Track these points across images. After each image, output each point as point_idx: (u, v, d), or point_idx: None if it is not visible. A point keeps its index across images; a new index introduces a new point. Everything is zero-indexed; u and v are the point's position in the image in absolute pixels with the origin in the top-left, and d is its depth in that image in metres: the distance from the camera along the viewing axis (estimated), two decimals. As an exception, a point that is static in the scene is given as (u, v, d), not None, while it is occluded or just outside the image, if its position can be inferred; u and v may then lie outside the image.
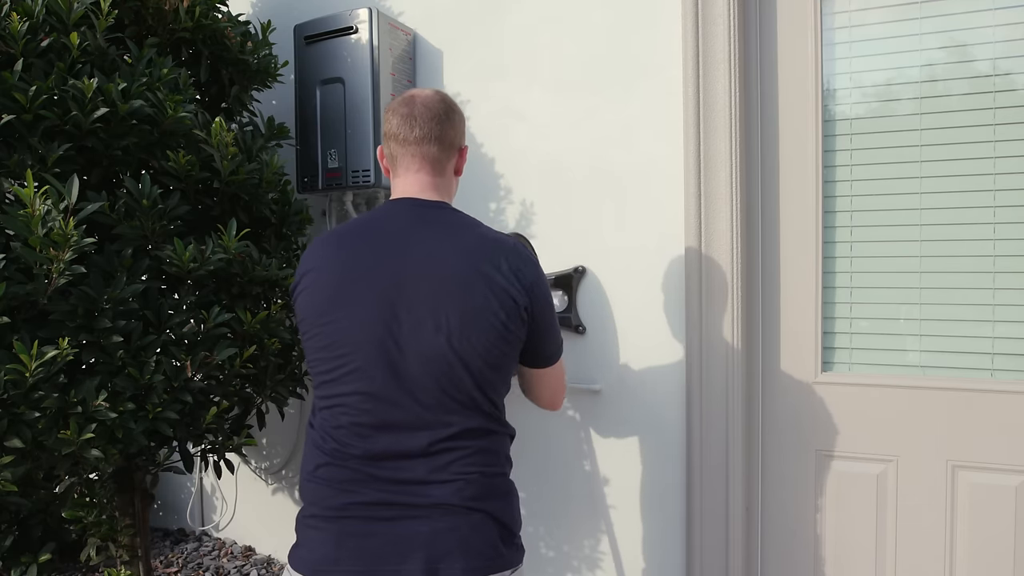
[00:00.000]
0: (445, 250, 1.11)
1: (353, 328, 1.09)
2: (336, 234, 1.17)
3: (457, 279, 1.09)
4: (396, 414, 1.09)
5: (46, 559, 1.67)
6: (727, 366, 1.74)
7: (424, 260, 1.10)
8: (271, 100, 2.42)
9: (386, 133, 1.21)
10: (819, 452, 1.77)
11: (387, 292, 1.09)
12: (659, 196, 1.83)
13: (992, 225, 1.60)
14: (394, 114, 1.19)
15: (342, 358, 1.10)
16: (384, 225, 1.15)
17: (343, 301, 1.10)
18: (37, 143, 1.40)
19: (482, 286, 1.10)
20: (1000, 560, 1.61)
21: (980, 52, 1.60)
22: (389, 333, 1.08)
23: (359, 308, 1.09)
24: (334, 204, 2.24)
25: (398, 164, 1.20)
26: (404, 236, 1.12)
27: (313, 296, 1.12)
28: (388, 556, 1.04)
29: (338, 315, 1.10)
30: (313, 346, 1.13)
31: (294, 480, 2.56)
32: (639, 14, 1.84)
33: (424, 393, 1.09)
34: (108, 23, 1.51)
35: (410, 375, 1.09)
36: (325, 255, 1.15)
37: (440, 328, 1.08)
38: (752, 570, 1.83)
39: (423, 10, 2.16)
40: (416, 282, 1.09)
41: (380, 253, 1.11)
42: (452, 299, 1.09)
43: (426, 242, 1.12)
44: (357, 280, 1.10)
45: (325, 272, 1.13)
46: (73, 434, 1.32)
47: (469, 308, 1.09)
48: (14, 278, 1.29)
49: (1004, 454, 1.60)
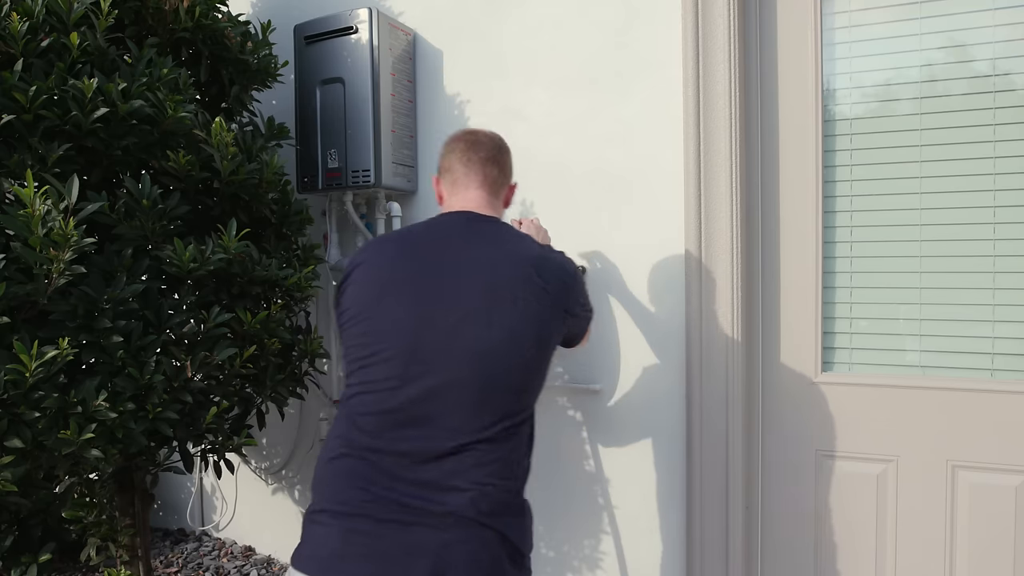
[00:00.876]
0: (495, 256, 1.17)
1: (396, 318, 1.12)
2: (393, 235, 1.24)
3: (505, 283, 1.14)
4: (427, 408, 1.09)
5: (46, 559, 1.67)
6: (727, 366, 1.74)
7: (474, 263, 1.15)
8: (271, 100, 2.42)
9: (449, 162, 1.32)
10: (819, 452, 1.77)
11: (435, 289, 1.13)
12: (659, 196, 1.83)
13: (992, 225, 1.60)
14: (458, 142, 1.32)
15: (379, 344, 1.12)
16: (438, 230, 1.22)
17: (390, 293, 1.14)
18: (37, 143, 1.40)
19: (529, 292, 1.14)
20: (1000, 560, 1.61)
21: (980, 52, 1.60)
22: (432, 327, 1.11)
23: (405, 301, 1.13)
24: (334, 204, 2.24)
25: (458, 182, 1.30)
26: (456, 241, 1.19)
27: (361, 288, 1.17)
28: (395, 559, 1.03)
29: (383, 306, 1.14)
30: (352, 333, 1.16)
31: (294, 480, 2.56)
32: (639, 14, 1.84)
33: (460, 392, 1.09)
34: (108, 23, 1.51)
35: (450, 372, 1.09)
36: (379, 251, 1.21)
37: (490, 328, 1.11)
38: (752, 570, 1.83)
39: (423, 10, 2.16)
40: (466, 283, 1.14)
41: (431, 253, 1.17)
42: (501, 302, 1.12)
43: (477, 247, 1.18)
44: (406, 276, 1.15)
45: (376, 266, 1.18)
46: (73, 434, 1.32)
47: (517, 312, 1.13)
48: (14, 278, 1.29)
49: (1004, 454, 1.60)
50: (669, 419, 1.83)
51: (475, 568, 1.04)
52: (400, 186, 2.11)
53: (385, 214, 2.15)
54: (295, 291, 1.84)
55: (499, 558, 1.07)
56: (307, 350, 1.94)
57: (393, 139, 2.06)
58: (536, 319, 1.14)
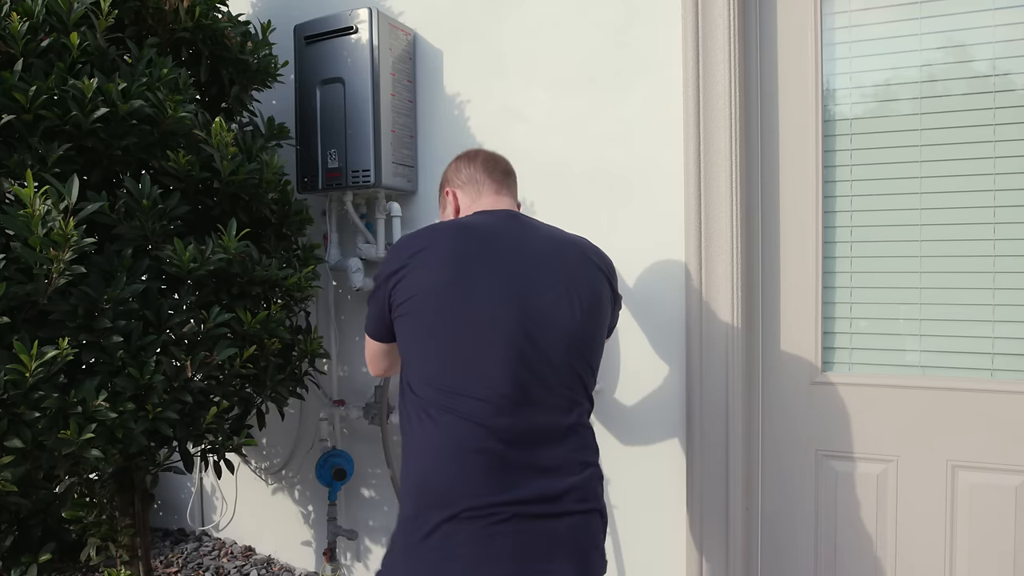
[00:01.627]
0: (558, 244, 1.21)
1: (494, 304, 1.07)
2: (448, 225, 1.17)
3: (577, 269, 1.18)
4: (535, 393, 1.07)
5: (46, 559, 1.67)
6: (727, 365, 1.74)
7: (545, 251, 1.17)
8: (271, 100, 2.42)
9: (471, 174, 1.35)
10: (819, 452, 1.77)
11: (521, 274, 1.11)
12: (659, 195, 1.83)
13: (992, 225, 1.60)
14: (474, 157, 1.38)
15: (476, 329, 1.05)
16: (492, 223, 1.20)
17: (478, 278, 1.08)
18: (37, 143, 1.40)
19: (596, 274, 1.22)
20: (1000, 560, 1.61)
21: (980, 52, 1.60)
22: (529, 312, 1.09)
23: (498, 285, 1.08)
24: (334, 204, 2.24)
25: (482, 190, 1.33)
26: (517, 231, 1.20)
27: (432, 270, 1.08)
28: (537, 550, 1.01)
29: (475, 290, 1.07)
30: (429, 316, 1.07)
31: (294, 480, 2.56)
32: (639, 13, 1.84)
33: (560, 375, 1.10)
34: (108, 23, 1.51)
35: (550, 356, 1.09)
36: (437, 235, 1.13)
37: (573, 312, 1.13)
38: (752, 569, 1.83)
39: (423, 10, 2.16)
40: (545, 269, 1.14)
41: (501, 242, 1.15)
42: (579, 282, 1.17)
43: (539, 237, 1.21)
44: (489, 262, 1.10)
45: (442, 251, 1.11)
46: (73, 434, 1.32)
47: (592, 292, 1.19)
48: (14, 278, 1.28)
49: (1004, 454, 1.60)
50: (669, 419, 1.83)
51: (593, 546, 1.08)
52: (400, 186, 2.11)
53: (385, 214, 2.15)
54: (295, 291, 1.84)
55: (600, 533, 1.12)
56: (307, 350, 1.94)
57: (393, 139, 2.06)
58: (602, 302, 1.21)
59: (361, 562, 2.41)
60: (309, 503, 2.52)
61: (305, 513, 2.54)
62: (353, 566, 2.43)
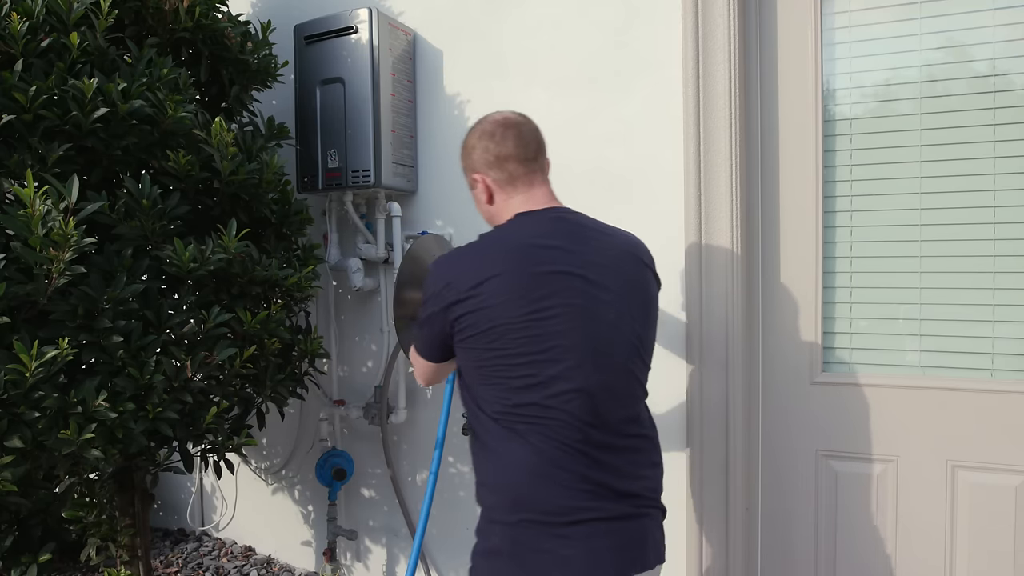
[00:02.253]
0: (615, 250, 1.22)
1: (561, 326, 1.12)
2: (493, 249, 1.17)
3: (635, 276, 1.22)
4: (610, 404, 1.14)
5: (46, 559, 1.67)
6: (727, 365, 1.74)
7: (599, 257, 1.19)
8: (271, 100, 2.42)
9: (498, 156, 1.25)
10: (819, 452, 1.77)
11: (582, 287, 1.15)
12: (659, 195, 1.83)
13: (992, 225, 1.60)
14: (503, 137, 1.25)
15: (556, 352, 1.11)
16: (539, 232, 1.19)
17: (541, 304, 1.12)
18: (37, 143, 1.40)
19: (646, 274, 1.25)
20: (1000, 560, 1.61)
21: (980, 52, 1.60)
22: (599, 326, 1.14)
23: (563, 307, 1.12)
24: (334, 204, 2.24)
25: (518, 182, 1.26)
26: (567, 240, 1.18)
27: (501, 305, 1.12)
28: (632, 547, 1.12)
29: (539, 317, 1.11)
30: (513, 347, 1.11)
31: (294, 480, 2.56)
32: (639, 13, 1.84)
33: (627, 383, 1.17)
34: (108, 23, 1.51)
35: (621, 365, 1.16)
36: (496, 261, 1.14)
37: (634, 318, 1.19)
38: (752, 569, 1.83)
39: (423, 10, 2.16)
40: (604, 276, 1.17)
41: (557, 255, 1.15)
42: (635, 289, 1.21)
43: (588, 238, 1.20)
44: (549, 283, 1.13)
45: (508, 284, 1.12)
46: (73, 434, 1.32)
47: (646, 295, 1.24)
48: (14, 278, 1.28)
49: (1004, 454, 1.60)
50: (669, 419, 1.83)
51: (662, 536, 1.20)
52: (400, 186, 2.11)
53: (385, 214, 2.15)
54: (295, 291, 1.84)
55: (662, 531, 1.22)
56: (307, 350, 1.94)
57: (393, 139, 2.06)
58: (653, 302, 1.26)
59: (361, 562, 2.41)
60: (309, 503, 2.52)
61: (305, 513, 2.54)
62: (353, 566, 2.43)
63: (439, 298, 1.18)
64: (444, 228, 2.16)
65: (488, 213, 1.33)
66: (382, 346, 2.25)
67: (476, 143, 1.28)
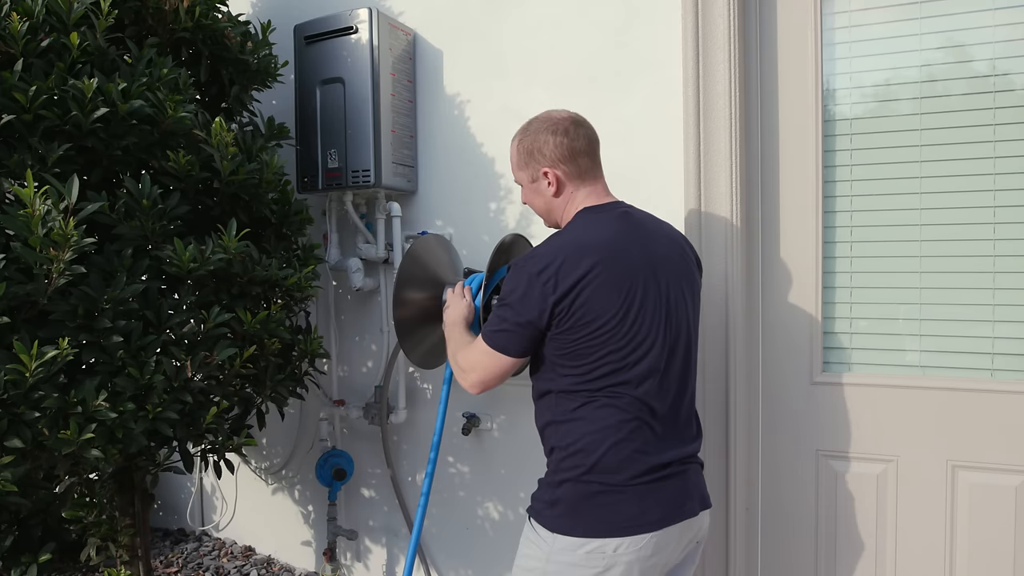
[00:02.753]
0: (665, 240, 1.36)
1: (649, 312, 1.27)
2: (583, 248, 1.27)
3: (684, 262, 1.37)
4: (675, 388, 1.31)
5: (46, 559, 1.67)
6: (728, 366, 1.74)
7: (662, 249, 1.33)
8: (271, 100, 2.42)
9: (573, 151, 1.35)
10: (819, 452, 1.77)
11: (655, 278, 1.29)
12: (659, 195, 1.83)
13: (992, 225, 1.60)
14: (576, 135, 1.36)
15: (644, 344, 1.26)
16: (613, 230, 1.31)
17: (631, 289, 1.26)
18: (37, 143, 1.40)
19: (693, 266, 1.40)
20: (1000, 560, 1.61)
21: (980, 52, 1.60)
22: (669, 321, 1.29)
23: (646, 293, 1.27)
24: (334, 204, 2.24)
25: (586, 176, 1.38)
26: (636, 236, 1.31)
27: (604, 295, 1.24)
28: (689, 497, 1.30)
29: (633, 301, 1.25)
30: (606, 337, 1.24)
31: (294, 480, 2.56)
32: (639, 13, 1.84)
33: (686, 366, 1.34)
34: (108, 23, 1.51)
35: (678, 353, 1.31)
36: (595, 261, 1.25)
37: (688, 306, 1.34)
38: (752, 570, 1.83)
39: (423, 10, 2.16)
40: (667, 268, 1.31)
41: (633, 252, 1.28)
42: (687, 279, 1.36)
43: (649, 234, 1.34)
44: (634, 282, 1.26)
45: (605, 271, 1.24)
46: (73, 434, 1.32)
47: (695, 285, 1.40)
48: (14, 278, 1.28)
49: (1004, 454, 1.60)
50: (669, 419, 1.83)
51: (705, 485, 1.37)
52: (400, 186, 2.11)
53: (385, 214, 2.15)
54: (295, 291, 1.84)
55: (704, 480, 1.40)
56: (307, 350, 1.94)
57: (393, 139, 2.06)
58: (699, 290, 1.43)
59: (361, 562, 2.41)
60: (309, 503, 2.52)
61: (305, 513, 2.54)
62: (353, 566, 2.43)
63: (539, 292, 1.25)
64: (444, 228, 2.16)
65: (550, 206, 1.41)
66: (382, 346, 2.25)
67: (549, 138, 1.36)
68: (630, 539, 1.21)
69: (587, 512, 1.24)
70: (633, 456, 1.24)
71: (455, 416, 2.13)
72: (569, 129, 1.35)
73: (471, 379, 1.38)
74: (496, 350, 1.32)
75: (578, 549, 1.22)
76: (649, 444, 1.26)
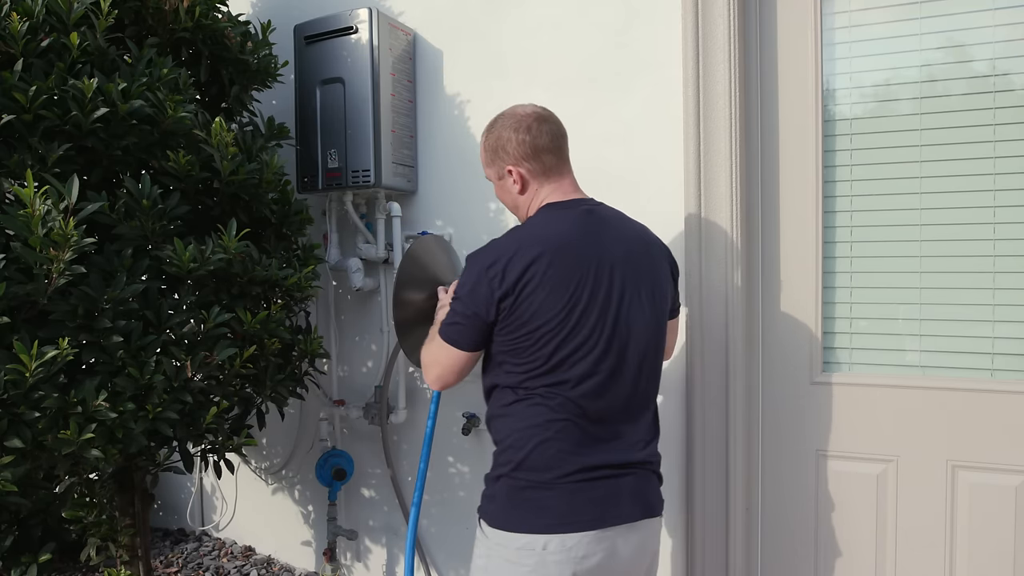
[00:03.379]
0: (635, 240, 1.33)
1: (594, 312, 1.25)
2: (546, 245, 1.25)
3: (649, 263, 1.33)
4: (623, 389, 1.28)
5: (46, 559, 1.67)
6: (727, 366, 1.74)
7: (620, 248, 1.29)
8: (271, 100, 2.42)
9: (535, 148, 1.34)
10: (819, 452, 1.77)
11: (610, 277, 1.27)
12: (659, 195, 1.83)
13: (992, 225, 1.60)
14: (539, 131, 1.34)
15: (584, 344, 1.24)
16: (571, 226, 1.29)
17: (578, 288, 1.24)
18: (37, 143, 1.40)
19: (662, 266, 1.37)
20: (1000, 560, 1.61)
21: (980, 52, 1.60)
22: (617, 322, 1.26)
23: (595, 292, 1.25)
24: (334, 204, 2.24)
25: (551, 172, 1.36)
26: (595, 234, 1.29)
27: (549, 291, 1.23)
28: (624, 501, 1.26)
29: (578, 299, 1.23)
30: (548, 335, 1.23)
31: (294, 480, 2.56)
32: (639, 14, 1.84)
33: (636, 363, 1.29)
34: (108, 23, 1.51)
35: (631, 355, 1.28)
36: (540, 252, 1.24)
37: (644, 308, 1.30)
38: (752, 570, 1.83)
39: (423, 10, 2.16)
40: (625, 267, 1.28)
41: (588, 249, 1.26)
42: (650, 281, 1.32)
43: (618, 234, 1.31)
44: (584, 270, 1.25)
45: (551, 267, 1.23)
46: (73, 434, 1.32)
47: (660, 288, 1.35)
48: (14, 278, 1.28)
49: (1004, 454, 1.60)
50: (669, 419, 1.83)
51: (655, 494, 1.33)
52: (400, 186, 2.11)
53: (385, 214, 2.15)
54: (295, 291, 1.84)
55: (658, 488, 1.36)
56: (307, 350, 1.94)
57: (393, 139, 2.06)
58: (666, 294, 1.37)
59: (361, 562, 2.41)
60: (309, 503, 2.52)
61: (305, 513, 2.54)
62: (353, 566, 2.43)
63: (487, 287, 1.24)
64: (444, 228, 2.16)
65: (516, 202, 1.41)
66: (382, 346, 2.25)
67: (511, 136, 1.35)
68: (559, 538, 1.20)
69: (518, 507, 1.24)
70: (560, 456, 1.23)
71: (455, 416, 2.13)
72: (532, 126, 1.33)
73: (431, 375, 1.39)
74: (448, 343, 1.32)
75: (511, 544, 1.23)
76: (580, 445, 1.24)
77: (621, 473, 1.27)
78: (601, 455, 1.25)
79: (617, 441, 1.28)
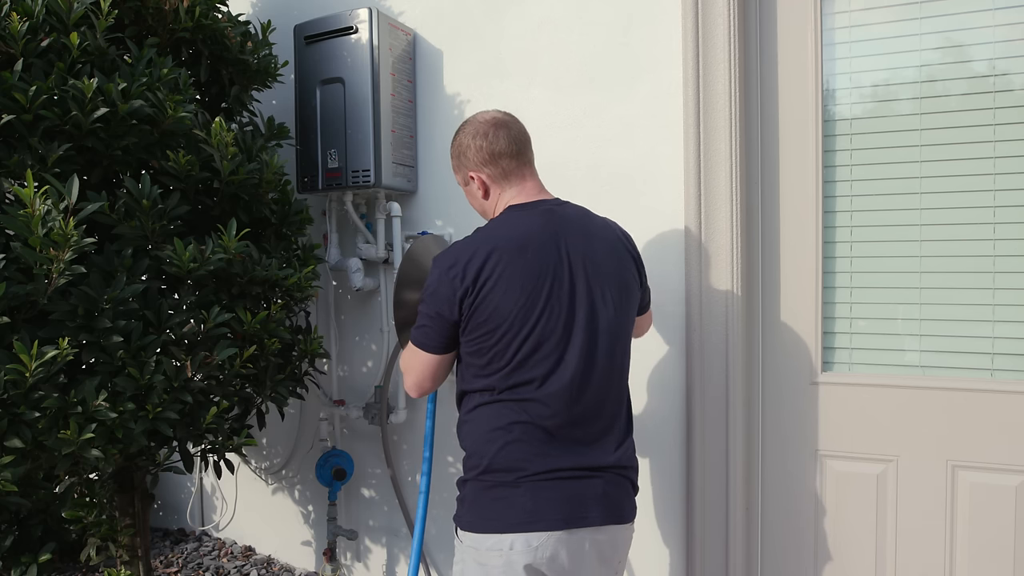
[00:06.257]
0: (597, 237, 1.33)
1: (551, 324, 1.25)
2: (507, 244, 1.26)
3: (613, 258, 1.32)
4: (587, 388, 1.27)
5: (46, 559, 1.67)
6: (727, 366, 1.74)
7: (582, 245, 1.29)
8: (271, 100, 2.42)
9: (492, 153, 1.35)
10: (819, 452, 1.77)
11: (571, 276, 1.27)
12: (659, 195, 1.83)
13: (992, 225, 1.60)
14: (496, 136, 1.35)
15: (544, 343, 1.25)
16: (531, 225, 1.29)
17: (537, 287, 1.24)
18: (37, 143, 1.40)
19: (627, 263, 1.36)
20: (1000, 560, 1.61)
21: (979, 52, 1.60)
22: (580, 317, 1.26)
23: (555, 292, 1.25)
24: (334, 204, 2.24)
25: (512, 177, 1.37)
26: (556, 232, 1.29)
27: (506, 290, 1.23)
28: (583, 504, 1.25)
29: (537, 299, 1.24)
30: (508, 335, 1.24)
31: (294, 480, 2.56)
32: (639, 14, 1.84)
33: (600, 362, 1.28)
34: (108, 23, 1.51)
35: (596, 356, 1.27)
36: (497, 252, 1.25)
37: (608, 304, 1.29)
38: (752, 570, 1.83)
39: (423, 10, 2.16)
40: (587, 263, 1.28)
41: (548, 249, 1.27)
42: (615, 276, 1.31)
43: (579, 232, 1.31)
44: (543, 270, 1.25)
45: (508, 267, 1.24)
46: (73, 434, 1.32)
47: (625, 283, 1.34)
48: (14, 278, 1.29)
49: (1004, 454, 1.60)
50: (669, 419, 1.83)
51: (626, 500, 1.32)
52: (400, 186, 2.11)
53: (385, 214, 2.15)
54: (295, 291, 1.84)
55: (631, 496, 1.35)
56: (307, 350, 1.94)
57: (393, 139, 2.06)
58: (632, 291, 1.36)
59: (361, 562, 2.41)
60: (309, 503, 2.52)
61: (305, 513, 2.54)
62: (353, 566, 2.43)
63: (448, 287, 1.26)
64: (444, 228, 2.16)
65: (483, 207, 1.42)
66: (382, 346, 2.25)
67: (470, 143, 1.37)
68: (523, 537, 1.21)
69: (485, 507, 1.26)
70: (526, 458, 1.24)
71: (455, 416, 2.12)
72: (488, 132, 1.35)
73: (408, 381, 1.40)
74: (417, 347, 1.34)
75: (481, 546, 1.24)
76: (546, 445, 1.25)
77: (589, 475, 1.26)
78: (568, 457, 1.25)
79: (585, 444, 1.28)
